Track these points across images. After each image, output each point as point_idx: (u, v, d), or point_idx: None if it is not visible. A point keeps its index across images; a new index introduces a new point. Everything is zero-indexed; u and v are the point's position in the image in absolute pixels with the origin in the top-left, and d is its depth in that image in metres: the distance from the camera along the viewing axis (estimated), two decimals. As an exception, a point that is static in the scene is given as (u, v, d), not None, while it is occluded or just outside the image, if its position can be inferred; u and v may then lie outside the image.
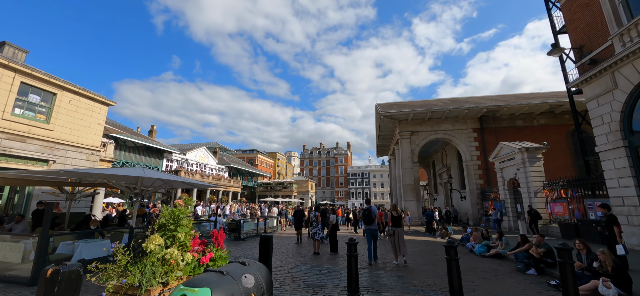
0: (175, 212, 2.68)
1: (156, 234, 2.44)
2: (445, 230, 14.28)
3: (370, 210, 7.91)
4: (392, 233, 7.73)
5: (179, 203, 2.89)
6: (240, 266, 2.41)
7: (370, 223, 7.84)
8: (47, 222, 5.10)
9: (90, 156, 12.76)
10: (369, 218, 7.86)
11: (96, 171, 6.71)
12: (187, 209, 2.78)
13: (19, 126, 10.44)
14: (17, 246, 5.82)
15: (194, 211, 21.44)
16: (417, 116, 22.52)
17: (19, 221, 7.56)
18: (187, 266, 2.53)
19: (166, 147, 28.16)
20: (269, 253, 4.07)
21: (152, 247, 2.32)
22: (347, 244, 4.18)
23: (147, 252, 2.32)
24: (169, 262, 2.35)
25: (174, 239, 2.53)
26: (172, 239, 2.53)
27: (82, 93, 12.49)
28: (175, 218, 2.64)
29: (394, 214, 8.06)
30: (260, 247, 4.11)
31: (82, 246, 5.87)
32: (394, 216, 7.99)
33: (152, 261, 2.31)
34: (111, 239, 7.01)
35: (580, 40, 11.18)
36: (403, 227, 8.13)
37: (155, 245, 2.31)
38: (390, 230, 7.79)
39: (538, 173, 14.36)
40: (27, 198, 10.85)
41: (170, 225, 2.62)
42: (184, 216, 2.70)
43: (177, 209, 2.71)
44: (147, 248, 2.31)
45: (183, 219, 2.68)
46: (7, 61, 10.04)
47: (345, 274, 6.26)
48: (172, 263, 2.38)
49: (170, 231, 2.58)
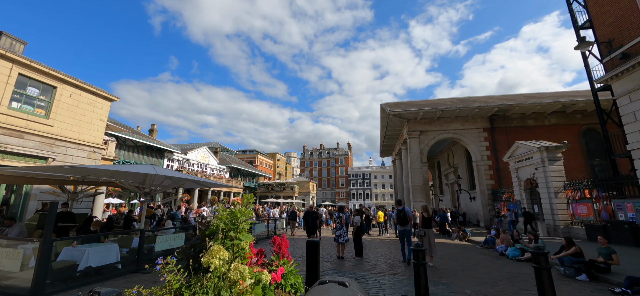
0: (236, 213, 2.04)
1: (218, 244, 1.78)
2: (463, 232, 13.73)
3: (404, 211, 7.85)
4: (423, 234, 7.53)
5: (237, 201, 2.26)
6: (341, 288, 1.78)
7: (405, 224, 7.86)
8: (51, 224, 4.44)
9: (91, 154, 12.03)
10: (404, 220, 7.87)
11: (104, 167, 6.06)
12: (247, 209, 2.14)
13: (16, 121, 9.71)
14: (15, 252, 5.12)
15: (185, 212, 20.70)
16: (426, 114, 22.03)
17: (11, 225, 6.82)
18: (256, 287, 1.89)
19: (168, 146, 27.37)
20: (317, 263, 3.46)
21: (216, 262, 1.68)
22: (413, 251, 3.60)
23: (207, 269, 1.68)
24: (237, 282, 1.72)
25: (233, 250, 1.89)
26: (232, 251, 1.89)
27: (83, 87, 11.78)
28: (235, 221, 2.00)
29: (424, 215, 7.98)
30: (308, 254, 3.50)
31: (89, 252, 5.19)
32: (425, 218, 7.92)
33: (214, 282, 1.71)
34: (120, 244, 6.34)
35: (609, 34, 10.74)
36: (433, 228, 7.92)
37: (219, 260, 1.67)
38: (421, 231, 7.61)
39: (558, 173, 13.89)
40: (25, 198, 10.10)
41: (229, 231, 2.00)
42: (245, 219, 2.06)
43: (238, 210, 2.08)
44: (209, 264, 1.68)
45: (243, 223, 2.04)
46: (4, 50, 9.33)
47: (386, 282, 5.68)
48: (241, 284, 1.76)
49: (229, 239, 1.93)
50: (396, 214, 8.16)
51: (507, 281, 5.88)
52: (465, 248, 10.97)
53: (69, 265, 5.29)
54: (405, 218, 7.85)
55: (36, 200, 9.97)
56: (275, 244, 2.20)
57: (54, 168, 6.47)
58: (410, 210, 8.27)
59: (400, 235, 7.98)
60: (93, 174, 7.40)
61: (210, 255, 1.68)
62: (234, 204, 2.23)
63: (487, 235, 11.77)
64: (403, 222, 7.87)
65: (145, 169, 6.78)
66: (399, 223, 8.00)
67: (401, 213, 7.93)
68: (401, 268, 7.06)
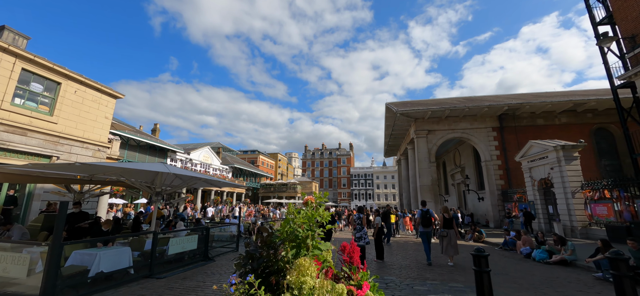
0: (313, 215, 1.63)
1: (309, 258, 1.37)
2: (478, 233, 13.37)
3: (429, 212, 7.75)
4: (446, 234, 7.60)
5: (310, 199, 1.89)
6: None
7: (429, 225, 7.83)
8: (60, 226, 4.05)
9: (96, 153, 11.65)
10: (428, 221, 7.83)
11: (115, 165, 5.67)
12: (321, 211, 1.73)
13: (19, 117, 9.33)
14: (21, 257, 4.70)
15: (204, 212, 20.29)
16: (434, 114, 21.69)
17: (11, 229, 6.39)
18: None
19: (171, 146, 26.99)
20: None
21: (309, 282, 1.27)
22: (474, 256, 3.24)
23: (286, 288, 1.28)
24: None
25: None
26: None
27: (88, 83, 11.39)
28: (311, 225, 1.61)
29: (445, 216, 7.87)
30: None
31: (101, 256, 4.79)
32: (446, 219, 7.83)
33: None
34: (132, 246, 5.94)
35: (633, 29, 10.40)
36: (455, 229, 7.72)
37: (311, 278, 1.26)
38: (444, 232, 7.65)
39: (575, 173, 13.54)
40: (28, 198, 9.71)
41: (306, 239, 1.61)
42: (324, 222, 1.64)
43: (313, 210, 1.68)
44: (299, 284, 1.31)
45: (316, 228, 1.65)
46: (7, 44, 8.94)
47: (420, 288, 5.30)
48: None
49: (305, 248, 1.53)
50: (421, 215, 7.99)
51: (547, 286, 5.52)
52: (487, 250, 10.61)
53: (79, 270, 4.91)
54: (430, 219, 7.82)
55: (40, 200, 9.57)
56: (345, 252, 1.81)
57: (64, 166, 6.09)
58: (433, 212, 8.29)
59: (423, 236, 7.85)
60: (104, 173, 7.02)
61: (298, 272, 1.29)
62: (307, 203, 1.86)
63: (506, 236, 11.40)
64: (428, 223, 7.81)
65: (157, 167, 6.40)
66: (423, 225, 7.86)
67: (427, 215, 7.83)
68: (429, 272, 6.68)
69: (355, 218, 8.20)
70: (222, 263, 7.67)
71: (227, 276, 5.23)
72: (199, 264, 7.30)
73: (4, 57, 9.02)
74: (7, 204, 8.57)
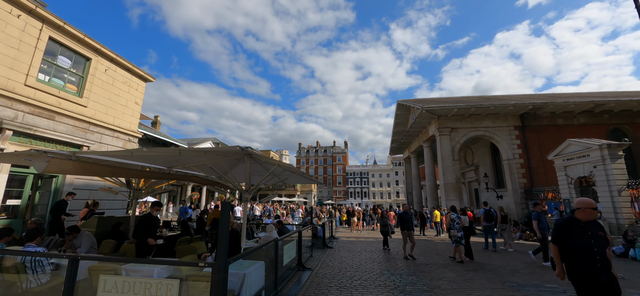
0: None
1: None
2: (527, 231, 13.05)
3: (490, 210, 10.49)
4: (504, 228, 10.34)
5: None
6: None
7: (490, 220, 10.32)
8: (224, 236, 2.83)
9: (126, 143, 10.02)
10: (491, 217, 10.33)
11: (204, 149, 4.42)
12: None
13: (46, 97, 7.64)
14: (167, 284, 2.75)
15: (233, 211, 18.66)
16: (460, 111, 21.44)
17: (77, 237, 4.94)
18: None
19: (175, 140, 24.90)
20: None
21: None
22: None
23: None
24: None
25: None
26: None
27: (120, 62, 9.74)
28: None
29: (502, 213, 10.44)
30: None
31: (248, 276, 3.50)
32: (503, 215, 10.43)
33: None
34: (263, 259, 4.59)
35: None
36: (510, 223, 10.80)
37: None
38: (502, 226, 10.32)
39: (620, 171, 13.60)
40: (54, 195, 8.00)
41: None
42: None
43: None
44: None
45: None
46: (34, 4, 7.22)
47: None
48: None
49: None
50: (484, 213, 10.43)
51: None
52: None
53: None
54: (492, 216, 10.30)
55: (71, 199, 7.84)
56: None
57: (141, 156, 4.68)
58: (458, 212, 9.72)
59: (484, 230, 10.42)
60: (181, 165, 5.65)
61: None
62: None
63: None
64: (490, 219, 10.26)
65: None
66: (486, 220, 10.28)
67: (489, 213, 10.39)
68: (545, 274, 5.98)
69: (454, 218, 7.42)
70: (320, 271, 6.48)
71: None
72: (302, 272, 6.12)
73: (29, 21, 7.29)
74: (56, 211, 6.84)
